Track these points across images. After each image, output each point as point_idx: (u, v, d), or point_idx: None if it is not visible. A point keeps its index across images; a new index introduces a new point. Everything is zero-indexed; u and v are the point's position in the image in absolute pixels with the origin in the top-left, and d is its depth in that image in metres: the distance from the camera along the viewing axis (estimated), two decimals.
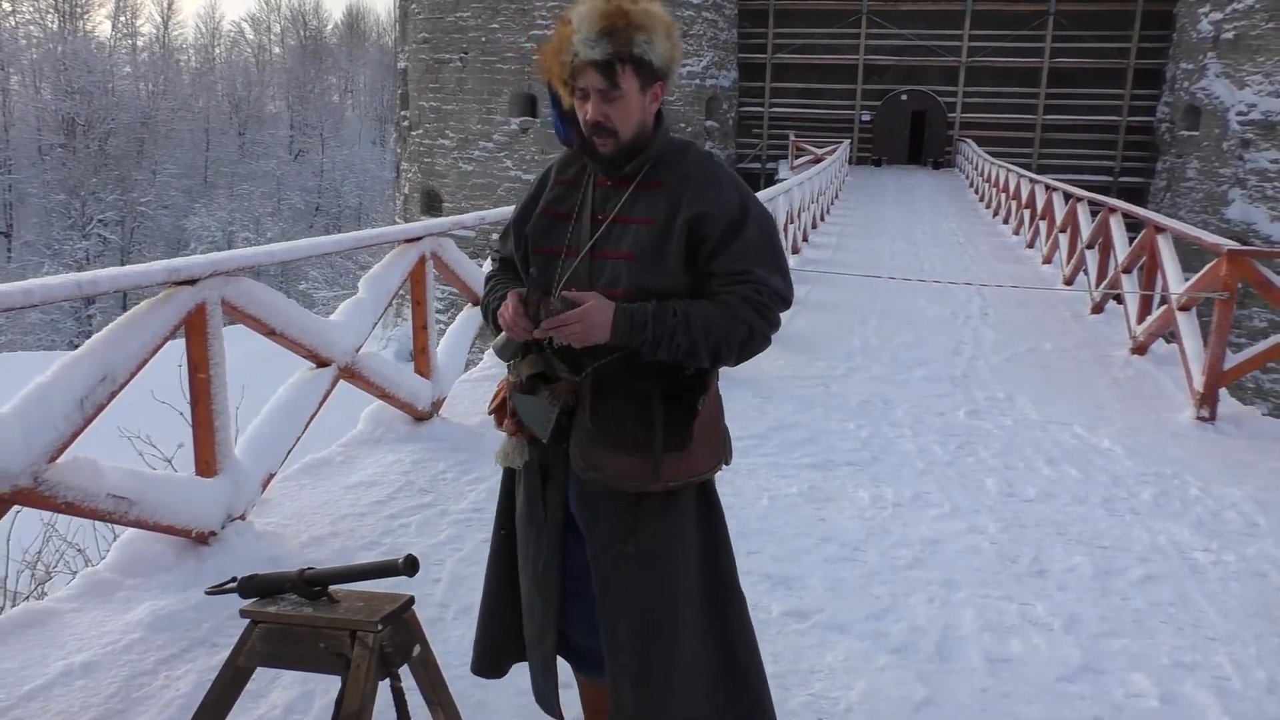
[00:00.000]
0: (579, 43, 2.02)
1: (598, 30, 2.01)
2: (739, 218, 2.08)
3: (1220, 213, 27.64)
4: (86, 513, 3.22)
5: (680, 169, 2.12)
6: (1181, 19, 30.26)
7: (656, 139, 2.13)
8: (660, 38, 2.06)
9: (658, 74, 2.08)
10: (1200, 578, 4.02)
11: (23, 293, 2.84)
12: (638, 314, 1.99)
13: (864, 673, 3.21)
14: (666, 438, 2.07)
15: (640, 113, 2.09)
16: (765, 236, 2.12)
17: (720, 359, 2.05)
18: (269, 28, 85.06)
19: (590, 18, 2.02)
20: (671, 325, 1.99)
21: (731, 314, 2.03)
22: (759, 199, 2.18)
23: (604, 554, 2.16)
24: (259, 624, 2.00)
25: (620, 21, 2.02)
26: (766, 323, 2.08)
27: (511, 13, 30.78)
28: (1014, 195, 19.09)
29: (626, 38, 2.02)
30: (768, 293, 2.06)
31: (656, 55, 2.05)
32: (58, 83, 60.08)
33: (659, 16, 2.07)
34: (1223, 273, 6.57)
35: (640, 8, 2.06)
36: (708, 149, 2.32)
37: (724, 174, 2.16)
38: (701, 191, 2.09)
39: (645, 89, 2.08)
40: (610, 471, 2.08)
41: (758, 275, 2.06)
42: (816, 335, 8.88)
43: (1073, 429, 6.09)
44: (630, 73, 2.04)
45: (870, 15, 34.53)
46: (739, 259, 2.06)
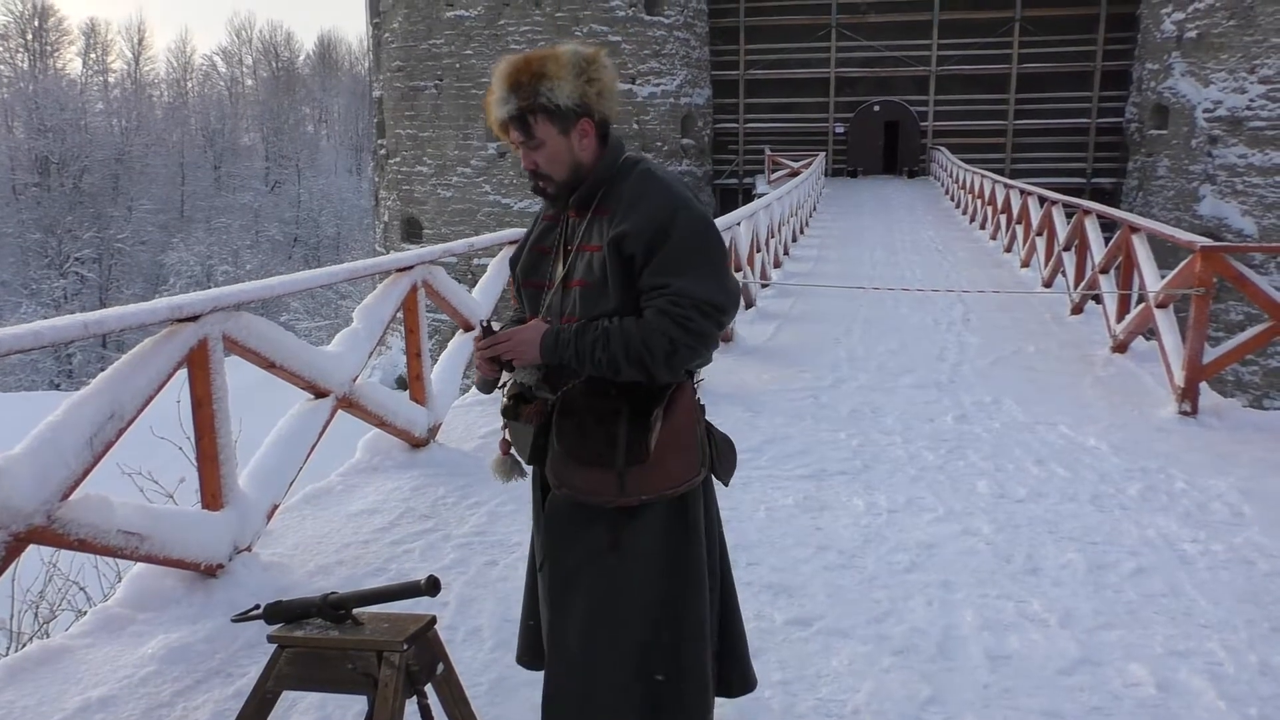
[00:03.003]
0: (494, 103, 2.15)
1: (505, 88, 2.13)
2: (662, 230, 2.08)
3: (1192, 209, 28.03)
4: (98, 549, 3.26)
5: (620, 192, 2.17)
6: (1145, 20, 30.75)
7: (600, 168, 2.19)
8: (567, 79, 2.11)
9: (575, 113, 2.13)
10: (1190, 568, 4.12)
11: (33, 335, 2.89)
12: (563, 333, 2.12)
13: (869, 675, 3.28)
14: (627, 452, 2.12)
15: (568, 154, 2.16)
16: (693, 245, 2.10)
17: (648, 372, 2.07)
18: (241, 60, 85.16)
19: (499, 77, 2.15)
20: (591, 341, 2.08)
21: (650, 328, 2.05)
22: (694, 205, 2.16)
23: (555, 564, 2.23)
24: (286, 648, 2.05)
25: (524, 76, 2.11)
26: (689, 333, 2.05)
27: (485, 38, 30.97)
28: (989, 201, 19.32)
29: (531, 90, 2.10)
30: (687, 303, 2.05)
31: (564, 98, 2.10)
32: (30, 121, 59.88)
33: (565, 59, 2.13)
34: (1197, 269, 6.71)
35: (545, 54, 2.13)
36: (655, 161, 2.34)
37: (654, 187, 2.16)
38: (628, 211, 2.12)
39: (567, 131, 2.14)
40: (578, 486, 2.15)
41: (675, 287, 2.06)
42: (803, 347, 8.98)
43: (1059, 429, 6.20)
44: (543, 121, 2.12)
45: (840, 28, 34.93)
46: (659, 272, 2.08)
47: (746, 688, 2.48)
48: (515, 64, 2.14)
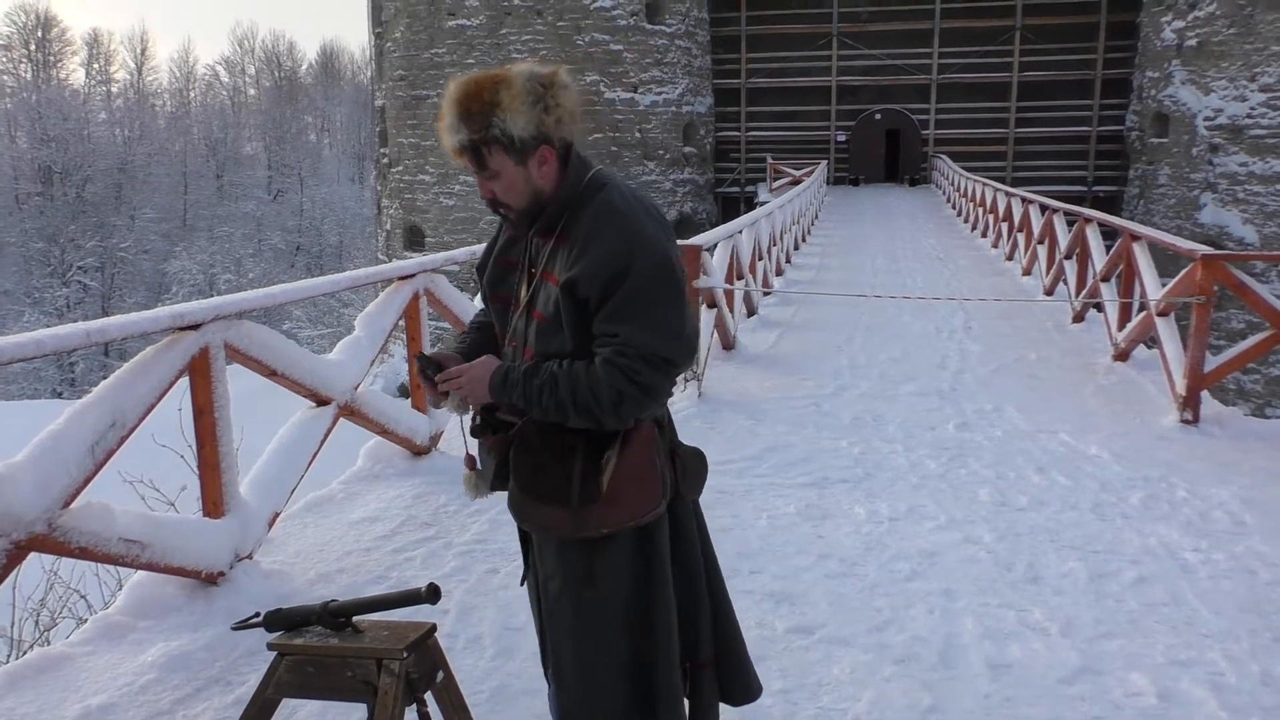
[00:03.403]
0: (444, 130, 2.02)
1: (456, 116, 1.99)
2: (617, 275, 1.97)
3: (1193, 217, 28.03)
4: (100, 557, 3.26)
5: (580, 222, 2.05)
6: (1145, 28, 30.81)
7: (562, 194, 2.07)
8: (522, 109, 1.97)
9: (532, 144, 2.01)
10: (1191, 577, 4.12)
11: (35, 343, 2.90)
12: (511, 373, 2.07)
13: (870, 684, 3.27)
14: (581, 491, 2.08)
15: (526, 183, 2.04)
16: (647, 292, 1.99)
17: (596, 421, 2.02)
18: (243, 70, 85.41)
19: (449, 102, 2.00)
20: (538, 386, 2.03)
21: (597, 379, 1.99)
22: (652, 244, 2.02)
23: (550, 588, 2.21)
24: (286, 656, 2.05)
25: (474, 105, 1.97)
26: (636, 386, 1.98)
27: (487, 47, 31.04)
28: (991, 209, 19.33)
29: (482, 121, 1.97)
30: (634, 354, 1.97)
31: (519, 128, 1.97)
32: (33, 131, 60.09)
33: (519, 85, 1.98)
34: (1198, 277, 6.72)
35: (498, 79, 1.99)
36: (621, 183, 2.14)
37: (613, 224, 2.02)
38: (584, 250, 2.01)
39: (524, 161, 2.02)
40: (537, 521, 2.14)
41: (623, 336, 1.98)
42: (804, 355, 8.99)
43: (1061, 437, 6.20)
44: (498, 152, 2.00)
45: (841, 37, 35.01)
46: (609, 319, 1.99)
47: (749, 696, 2.45)
48: (466, 90, 1.99)
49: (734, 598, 3.91)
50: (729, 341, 8.85)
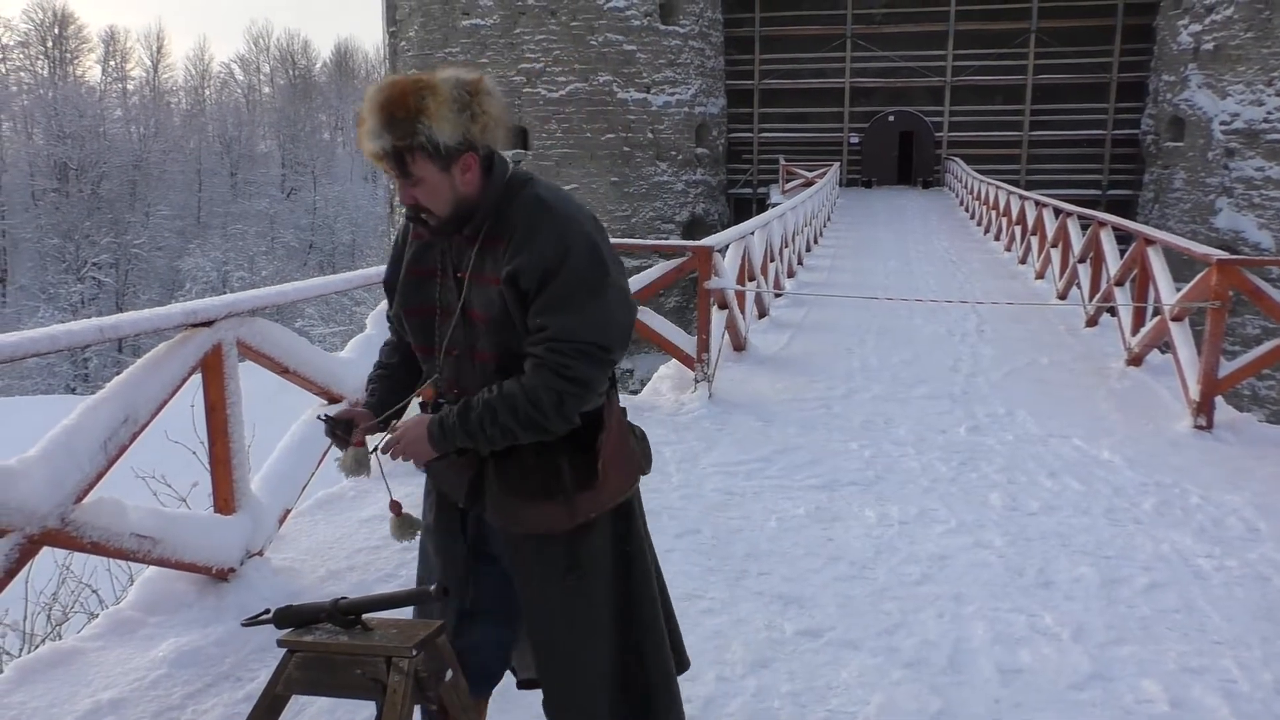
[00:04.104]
0: (364, 134, 1.97)
1: (378, 122, 1.95)
2: (553, 265, 1.98)
3: (1208, 222, 27.87)
4: (111, 552, 3.28)
5: (511, 221, 2.05)
6: (1162, 32, 30.65)
7: (485, 198, 2.06)
8: (447, 115, 1.94)
9: (457, 151, 1.99)
10: (1204, 584, 4.09)
11: (49, 339, 2.91)
12: (446, 420, 2.06)
13: (879, 687, 3.26)
14: (575, 480, 2.11)
15: (450, 190, 2.02)
16: (580, 281, 2.00)
17: (544, 429, 2.03)
18: (258, 68, 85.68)
19: (371, 107, 1.96)
20: (477, 421, 2.03)
21: (532, 386, 2.00)
22: (585, 235, 2.03)
23: (533, 588, 2.22)
24: (296, 653, 2.05)
25: (399, 111, 1.93)
26: (571, 381, 1.99)
27: (500, 47, 31.08)
28: (1004, 212, 19.26)
29: (407, 128, 1.93)
30: (568, 348, 1.98)
31: (444, 135, 1.94)
32: (49, 128, 60.37)
33: (445, 92, 1.95)
34: (1213, 282, 6.68)
35: (423, 85, 1.95)
36: (544, 181, 2.15)
37: (547, 218, 2.03)
38: (520, 246, 2.01)
39: (448, 168, 2.00)
40: (529, 522, 2.14)
41: (554, 327, 1.99)
42: (816, 357, 8.97)
43: (1073, 442, 6.17)
44: (422, 159, 1.97)
45: (855, 39, 34.92)
46: (543, 310, 2.00)
47: (680, 668, 2.49)
48: (390, 95, 1.94)
49: (743, 599, 3.94)
50: (740, 343, 8.84)
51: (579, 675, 2.25)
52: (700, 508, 4.97)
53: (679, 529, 4.66)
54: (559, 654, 2.24)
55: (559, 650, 2.24)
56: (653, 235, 31.16)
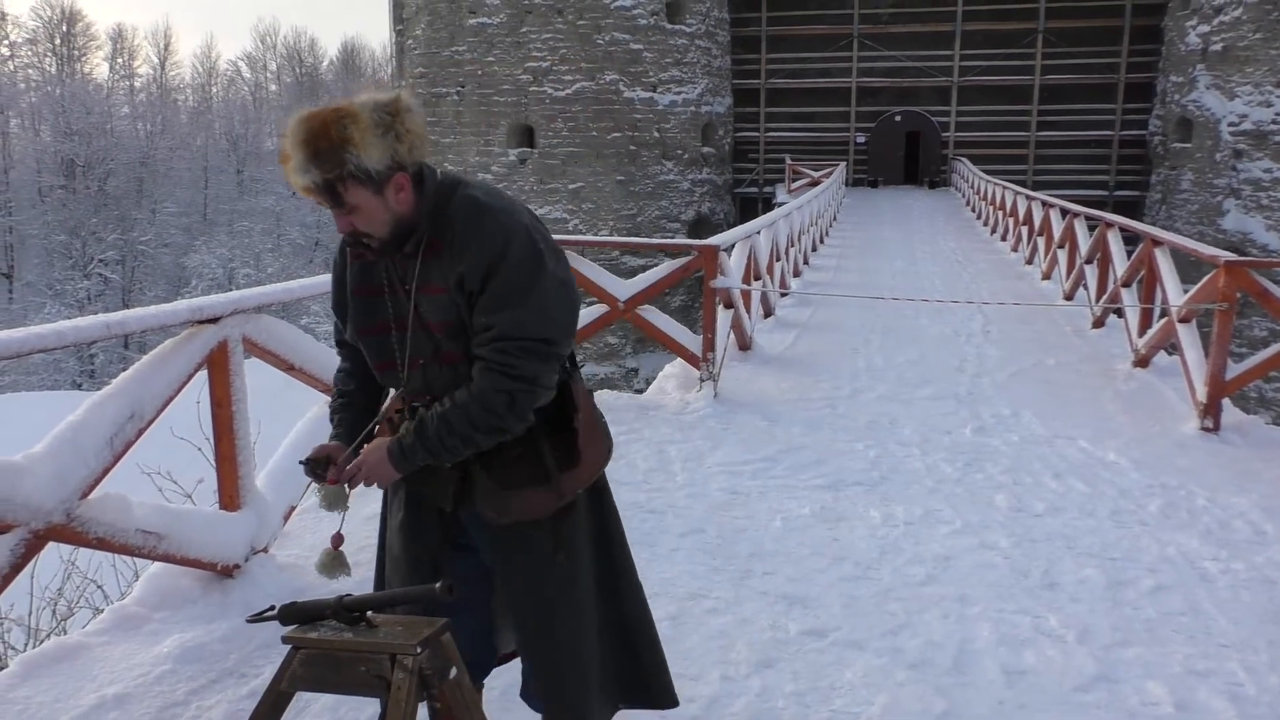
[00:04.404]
0: (291, 170, 1.96)
1: (304, 157, 1.93)
2: (495, 261, 2.01)
3: (1216, 223, 27.78)
4: (117, 548, 3.29)
5: (449, 226, 2.05)
6: (1170, 32, 30.56)
7: (421, 210, 2.05)
8: (372, 141, 1.93)
9: (388, 174, 1.98)
10: (1210, 586, 4.08)
11: (56, 334, 2.92)
12: (404, 440, 2.10)
13: (883, 688, 3.26)
14: (557, 462, 2.18)
15: (386, 212, 2.02)
16: (520, 277, 2.02)
17: (503, 431, 2.08)
18: (265, 66, 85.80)
19: (294, 142, 1.94)
20: (435, 435, 2.07)
21: (482, 391, 2.03)
22: (522, 231, 2.05)
23: (521, 576, 2.26)
24: (300, 649, 2.05)
25: (323, 143, 1.92)
26: (519, 380, 2.03)
27: (507, 46, 31.09)
28: (1011, 212, 19.22)
29: (334, 159, 1.92)
30: (513, 346, 2.01)
31: (373, 161, 1.94)
32: (57, 125, 60.48)
33: (366, 118, 1.93)
34: (1221, 284, 6.65)
35: (343, 114, 1.93)
36: (476, 180, 2.17)
37: (484, 219, 2.04)
38: (464, 247, 2.03)
39: (381, 191, 1.99)
40: (519, 510, 2.19)
41: (498, 326, 2.01)
42: (821, 357, 8.96)
43: (1079, 443, 6.16)
44: (353, 187, 1.96)
45: (861, 38, 34.87)
46: (487, 309, 2.02)
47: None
48: (312, 129, 1.92)
49: (747, 599, 3.94)
50: (745, 342, 8.83)
51: (569, 654, 2.30)
52: (705, 507, 4.96)
53: (684, 528, 4.66)
54: (548, 636, 2.28)
55: (548, 632, 2.28)
56: (658, 234, 31.15)
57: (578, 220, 31.26)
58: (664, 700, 2.48)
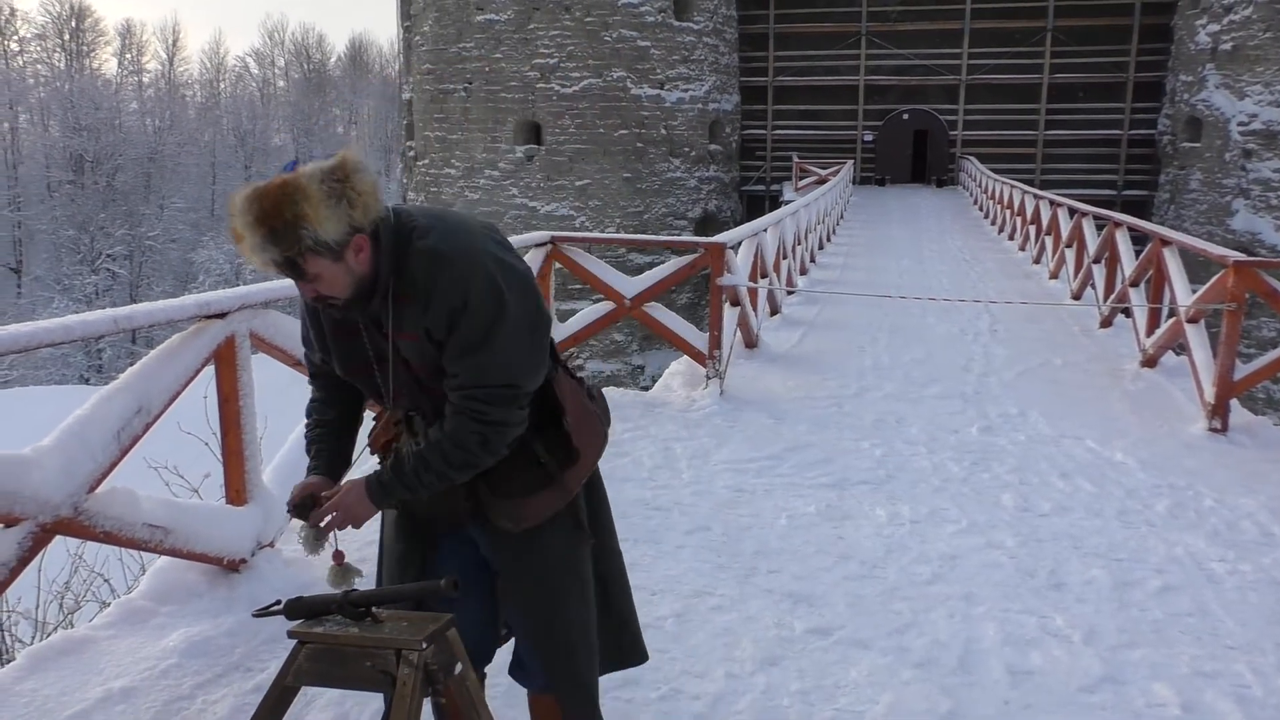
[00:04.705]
0: (249, 249, 1.93)
1: (260, 238, 1.91)
2: (456, 312, 2.01)
3: (1225, 223, 27.68)
4: (124, 542, 3.29)
5: (412, 277, 2.04)
6: (1179, 31, 30.44)
7: (382, 264, 2.03)
8: (326, 214, 1.90)
9: (345, 240, 1.95)
10: (1218, 587, 4.06)
11: (63, 329, 2.92)
12: (383, 477, 2.15)
13: (888, 687, 3.25)
14: (557, 462, 2.22)
15: (347, 274, 2.00)
16: (485, 321, 2.02)
17: (477, 467, 2.13)
18: (273, 62, 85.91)
19: (247, 223, 1.90)
20: (412, 472, 2.12)
21: (455, 433, 2.08)
22: (489, 275, 2.04)
23: (531, 576, 2.30)
24: (306, 644, 2.06)
25: (277, 222, 1.89)
26: (489, 424, 2.07)
27: (515, 42, 31.08)
28: (1019, 211, 19.17)
29: (291, 237, 1.90)
30: (480, 394, 2.05)
31: (330, 234, 1.91)
32: (65, 120, 60.64)
33: (315, 192, 1.89)
34: (1230, 284, 6.63)
35: (292, 190, 1.89)
36: (432, 221, 2.10)
37: (442, 269, 2.03)
38: (427, 300, 2.03)
39: (340, 258, 1.97)
40: (534, 516, 2.23)
41: (462, 375, 2.05)
42: (827, 355, 8.95)
43: (1086, 443, 6.14)
44: (313, 259, 1.94)
45: (869, 36, 34.80)
46: (451, 358, 2.05)
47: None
48: (264, 209, 1.89)
49: (752, 596, 3.93)
50: (752, 340, 8.82)
51: (580, 633, 2.34)
52: (711, 505, 4.96)
53: (689, 525, 4.66)
54: (560, 622, 2.32)
55: (560, 619, 2.32)
56: (665, 231, 31.13)
57: (584, 217, 31.25)
58: (637, 656, 2.55)
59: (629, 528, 4.56)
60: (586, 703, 2.39)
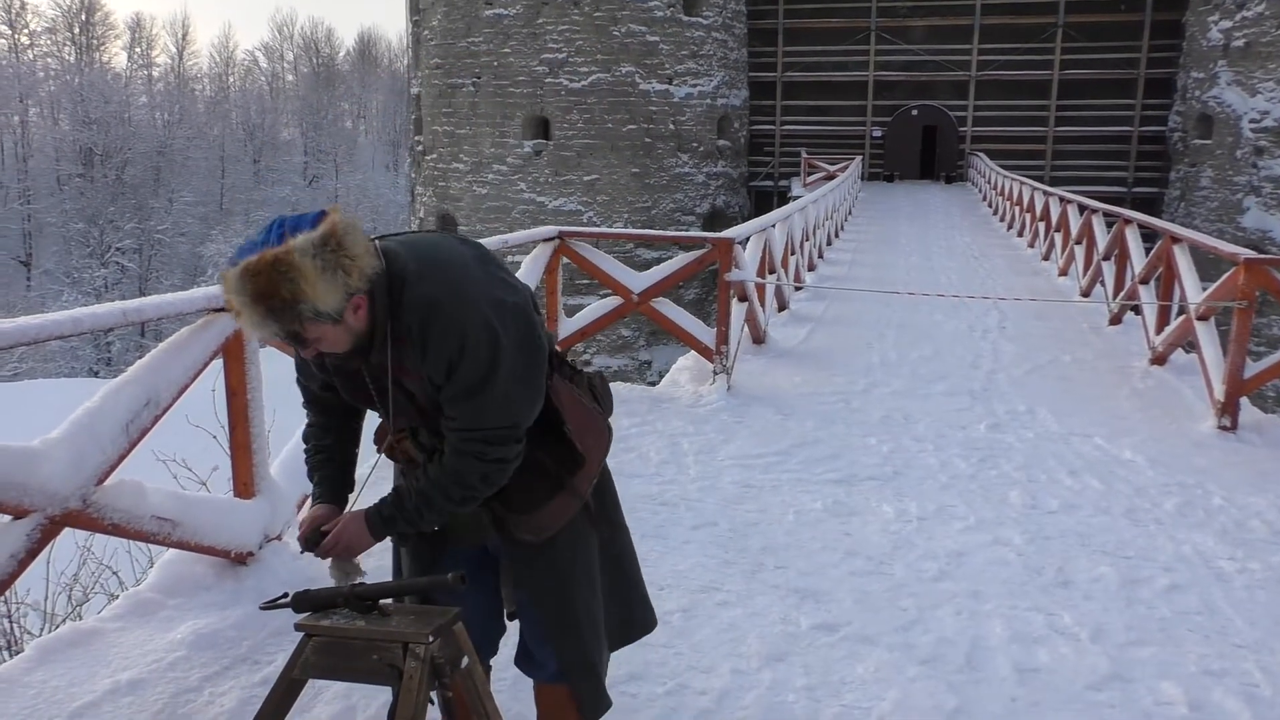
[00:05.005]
0: (249, 324, 1.93)
1: (259, 315, 1.89)
2: (453, 359, 2.03)
3: (1235, 221, 27.54)
4: (132, 534, 3.30)
5: (407, 324, 2.04)
6: (1191, 28, 30.27)
7: (378, 317, 2.03)
8: (323, 288, 1.88)
9: (344, 306, 1.94)
10: (1226, 586, 4.05)
11: (72, 321, 2.93)
12: (384, 509, 2.21)
13: (895, 683, 3.25)
14: (565, 468, 2.26)
15: (347, 333, 2.00)
16: (482, 367, 2.03)
17: (476, 499, 2.18)
18: (282, 56, 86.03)
19: (245, 301, 1.88)
20: (415, 508, 2.17)
21: (457, 469, 2.12)
22: (484, 319, 2.04)
23: (552, 579, 2.34)
24: (313, 637, 2.06)
25: (275, 301, 1.87)
26: (489, 461, 2.12)
27: (523, 37, 31.06)
28: (1028, 208, 19.11)
29: (290, 313, 1.89)
30: (478, 435, 2.09)
31: (329, 304, 1.90)
32: (75, 114, 60.84)
33: (309, 268, 1.86)
34: (1240, 281, 6.60)
35: (286, 267, 1.85)
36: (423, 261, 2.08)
37: (437, 318, 2.02)
38: (424, 348, 2.04)
39: (340, 320, 1.96)
40: (553, 524, 2.28)
41: (464, 419, 2.08)
42: (834, 351, 8.93)
43: (1094, 440, 6.12)
44: (313, 326, 1.94)
45: (879, 32, 34.69)
46: (450, 401, 2.08)
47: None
48: (259, 287, 1.86)
49: (759, 592, 3.93)
50: (759, 336, 8.81)
51: (589, 623, 2.38)
52: (717, 500, 4.96)
53: (696, 521, 4.66)
54: (570, 615, 2.36)
55: (570, 612, 2.36)
56: (673, 227, 31.10)
57: (592, 212, 31.24)
58: (650, 625, 2.61)
59: (636, 523, 4.53)
60: (597, 686, 2.43)
